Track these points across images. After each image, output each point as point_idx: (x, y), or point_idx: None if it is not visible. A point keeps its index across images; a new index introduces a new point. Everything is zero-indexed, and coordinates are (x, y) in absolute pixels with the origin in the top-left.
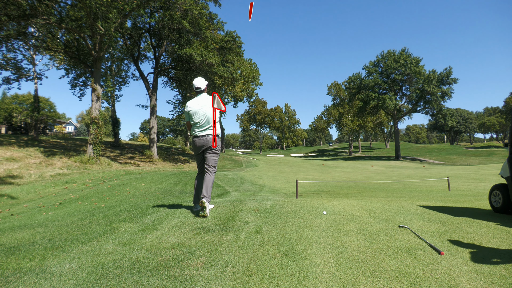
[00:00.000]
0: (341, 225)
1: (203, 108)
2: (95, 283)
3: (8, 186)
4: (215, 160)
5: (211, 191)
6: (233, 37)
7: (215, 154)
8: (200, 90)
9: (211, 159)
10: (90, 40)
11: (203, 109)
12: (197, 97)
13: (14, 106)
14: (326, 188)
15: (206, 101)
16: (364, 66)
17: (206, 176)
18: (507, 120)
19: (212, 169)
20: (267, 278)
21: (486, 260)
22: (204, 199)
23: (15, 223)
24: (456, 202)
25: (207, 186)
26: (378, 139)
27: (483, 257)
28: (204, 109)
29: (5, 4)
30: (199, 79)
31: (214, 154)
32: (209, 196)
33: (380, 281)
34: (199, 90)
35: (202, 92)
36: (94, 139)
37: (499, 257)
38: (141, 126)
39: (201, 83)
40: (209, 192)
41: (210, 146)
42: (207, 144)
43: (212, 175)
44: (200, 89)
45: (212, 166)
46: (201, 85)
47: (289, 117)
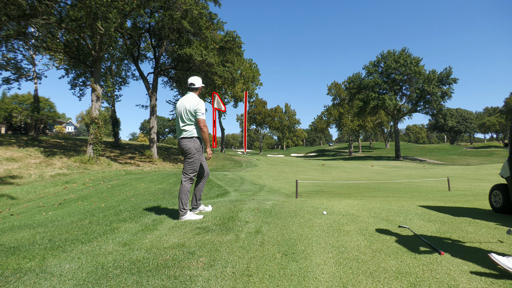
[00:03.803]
0: (341, 225)
1: (179, 108)
2: (95, 283)
3: (8, 186)
4: (188, 166)
5: (188, 201)
6: (233, 37)
7: (190, 159)
8: (191, 87)
9: (184, 164)
10: (90, 40)
11: (179, 109)
12: (183, 96)
13: (14, 106)
14: (326, 188)
15: (185, 101)
16: (364, 66)
17: (180, 185)
18: (507, 120)
19: (183, 176)
20: (267, 278)
21: (486, 260)
22: (180, 213)
23: (15, 223)
24: (456, 202)
25: (180, 198)
26: (378, 139)
27: (483, 257)
28: (180, 110)
29: (5, 4)
30: (196, 77)
31: (188, 159)
32: (183, 207)
33: (380, 281)
34: (190, 87)
35: (191, 91)
36: (94, 139)
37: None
38: (141, 126)
39: (194, 80)
40: (183, 202)
41: (185, 150)
42: (182, 149)
43: (184, 183)
44: (191, 86)
45: (184, 173)
46: (195, 82)
47: (289, 117)
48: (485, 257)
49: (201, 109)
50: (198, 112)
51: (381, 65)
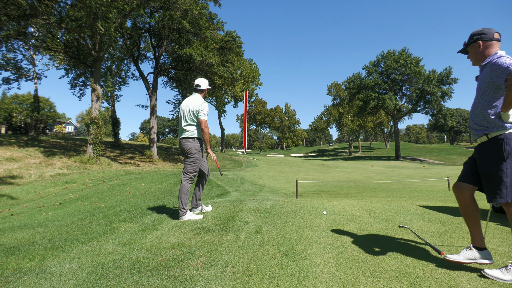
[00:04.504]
0: (341, 225)
1: (183, 108)
2: (95, 283)
3: (8, 186)
4: (189, 166)
5: (188, 201)
6: (233, 37)
7: (190, 159)
8: (196, 88)
9: (185, 164)
10: (90, 40)
11: (182, 109)
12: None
13: (14, 106)
14: (326, 188)
15: (189, 101)
16: (364, 66)
17: (180, 185)
18: None
19: (183, 176)
20: (267, 278)
21: None
22: (179, 212)
23: (15, 223)
24: (456, 202)
25: (180, 197)
26: (378, 139)
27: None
28: (183, 109)
29: (5, 4)
30: (202, 79)
31: (188, 159)
32: (182, 207)
33: (380, 281)
34: (196, 89)
35: (197, 92)
36: (94, 139)
37: (499, 257)
38: (141, 126)
39: (201, 82)
40: (183, 202)
41: (185, 150)
42: (182, 148)
43: (184, 183)
44: (197, 88)
45: (184, 172)
46: (201, 84)
47: (289, 117)
48: None
49: (204, 110)
50: (201, 113)
51: (381, 65)
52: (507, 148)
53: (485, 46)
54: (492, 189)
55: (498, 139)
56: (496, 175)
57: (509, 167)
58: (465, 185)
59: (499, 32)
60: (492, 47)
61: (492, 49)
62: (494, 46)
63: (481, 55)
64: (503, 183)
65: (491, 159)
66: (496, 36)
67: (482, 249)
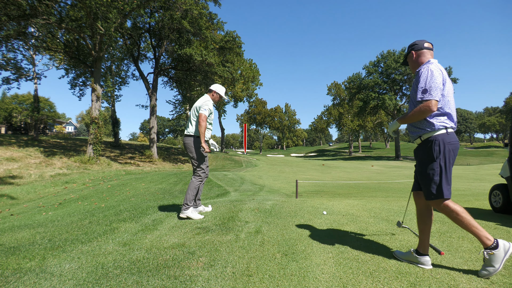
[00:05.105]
0: (341, 225)
1: (192, 108)
2: (95, 283)
3: (8, 186)
4: (195, 163)
5: (192, 197)
6: (233, 37)
7: (191, 155)
8: (207, 90)
9: (191, 161)
10: (90, 40)
11: (192, 108)
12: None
13: (14, 106)
14: (326, 188)
15: (197, 101)
16: (364, 66)
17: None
18: (507, 120)
19: (193, 172)
20: (267, 278)
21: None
22: (182, 207)
23: (15, 223)
24: (456, 202)
25: (187, 192)
26: (378, 139)
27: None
28: (192, 108)
29: (5, 4)
30: (216, 84)
31: (190, 155)
32: (187, 203)
33: (380, 281)
34: (207, 90)
35: (206, 93)
36: (94, 139)
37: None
38: (141, 126)
39: (212, 85)
40: (188, 198)
41: (185, 147)
42: (183, 144)
43: (194, 179)
44: (208, 88)
45: (193, 169)
46: (211, 86)
47: (289, 117)
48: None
49: (205, 106)
50: (202, 108)
51: (381, 65)
52: (436, 149)
53: (418, 55)
54: (426, 187)
55: (428, 140)
56: (428, 174)
57: (438, 166)
58: (421, 193)
59: (431, 42)
60: (424, 56)
61: (424, 57)
62: (425, 55)
63: (415, 63)
64: (434, 181)
65: (424, 159)
66: (427, 45)
67: (424, 255)
